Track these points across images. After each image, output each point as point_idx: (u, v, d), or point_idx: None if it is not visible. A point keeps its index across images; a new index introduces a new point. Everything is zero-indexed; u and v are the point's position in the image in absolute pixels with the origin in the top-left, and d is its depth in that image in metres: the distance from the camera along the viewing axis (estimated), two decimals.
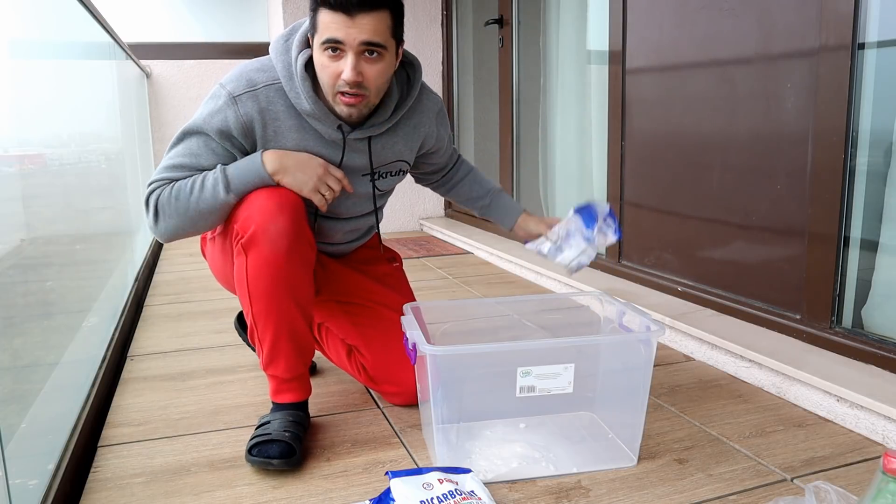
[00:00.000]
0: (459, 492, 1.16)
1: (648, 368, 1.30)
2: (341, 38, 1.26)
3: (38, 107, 1.79)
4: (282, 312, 1.35)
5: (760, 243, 1.93)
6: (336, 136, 1.41)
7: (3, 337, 1.33)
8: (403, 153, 1.53)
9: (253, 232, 1.31)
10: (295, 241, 1.33)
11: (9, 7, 1.57)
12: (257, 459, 1.30)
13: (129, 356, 2.00)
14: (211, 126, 1.36)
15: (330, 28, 1.26)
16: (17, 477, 1.10)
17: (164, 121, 4.41)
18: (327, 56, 1.29)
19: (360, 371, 1.63)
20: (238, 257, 1.34)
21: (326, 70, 1.31)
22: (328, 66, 1.30)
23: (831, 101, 1.66)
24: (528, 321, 1.76)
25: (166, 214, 1.34)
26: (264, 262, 1.32)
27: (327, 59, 1.29)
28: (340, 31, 1.26)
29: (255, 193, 1.34)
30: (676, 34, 2.20)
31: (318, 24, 1.28)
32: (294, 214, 1.33)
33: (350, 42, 1.26)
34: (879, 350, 1.59)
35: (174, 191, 1.34)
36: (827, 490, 1.04)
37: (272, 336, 1.37)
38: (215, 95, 1.38)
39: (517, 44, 3.36)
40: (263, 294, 1.34)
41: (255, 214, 1.31)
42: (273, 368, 1.41)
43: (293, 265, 1.34)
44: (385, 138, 1.48)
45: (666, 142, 2.28)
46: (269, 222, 1.30)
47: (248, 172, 1.34)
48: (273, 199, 1.32)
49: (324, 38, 1.27)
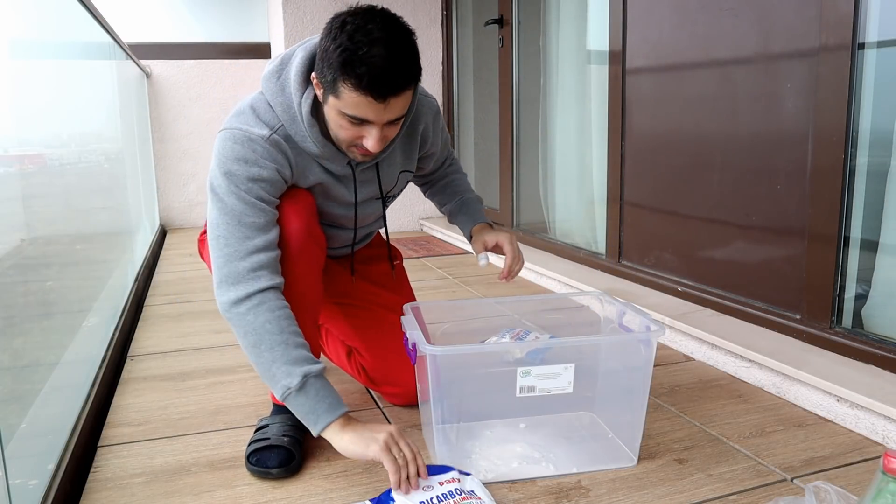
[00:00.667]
0: (460, 491, 1.17)
1: (648, 368, 1.30)
2: (371, 119, 1.19)
3: (38, 107, 1.79)
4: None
5: (760, 243, 1.93)
6: (346, 172, 1.40)
7: (3, 337, 1.33)
8: (404, 163, 1.53)
9: None
10: (305, 242, 1.33)
11: (9, 7, 1.57)
12: (256, 469, 1.29)
13: (129, 356, 2.00)
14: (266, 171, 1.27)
15: (358, 108, 1.17)
16: (17, 477, 1.10)
17: (164, 121, 4.41)
18: (347, 121, 1.21)
19: (360, 372, 1.63)
20: None
21: (345, 131, 1.24)
22: (347, 129, 1.23)
23: (831, 101, 1.66)
24: (528, 321, 1.76)
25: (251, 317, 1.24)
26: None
27: (347, 123, 1.21)
28: (370, 114, 1.18)
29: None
30: (676, 34, 2.20)
31: (342, 95, 1.17)
32: (306, 216, 1.33)
33: (378, 122, 1.20)
34: (879, 350, 1.59)
35: (278, 324, 1.24)
36: (827, 490, 1.04)
37: None
38: (245, 141, 1.26)
39: (517, 44, 3.36)
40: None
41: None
42: None
43: (303, 265, 1.34)
44: (389, 160, 1.48)
45: (666, 142, 2.28)
46: (283, 219, 1.31)
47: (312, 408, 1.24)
48: (288, 202, 1.32)
49: (349, 113, 1.19)
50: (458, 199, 1.70)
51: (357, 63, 1.12)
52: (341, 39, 1.13)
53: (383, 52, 1.12)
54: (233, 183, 1.25)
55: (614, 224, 2.58)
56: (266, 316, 1.23)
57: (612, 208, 2.59)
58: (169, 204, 4.48)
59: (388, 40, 1.13)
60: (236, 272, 1.25)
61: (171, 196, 4.48)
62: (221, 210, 1.26)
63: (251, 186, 1.26)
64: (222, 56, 4.47)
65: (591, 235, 2.86)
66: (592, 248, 2.82)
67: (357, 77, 1.13)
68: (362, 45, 1.12)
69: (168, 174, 4.46)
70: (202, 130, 4.46)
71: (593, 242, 2.84)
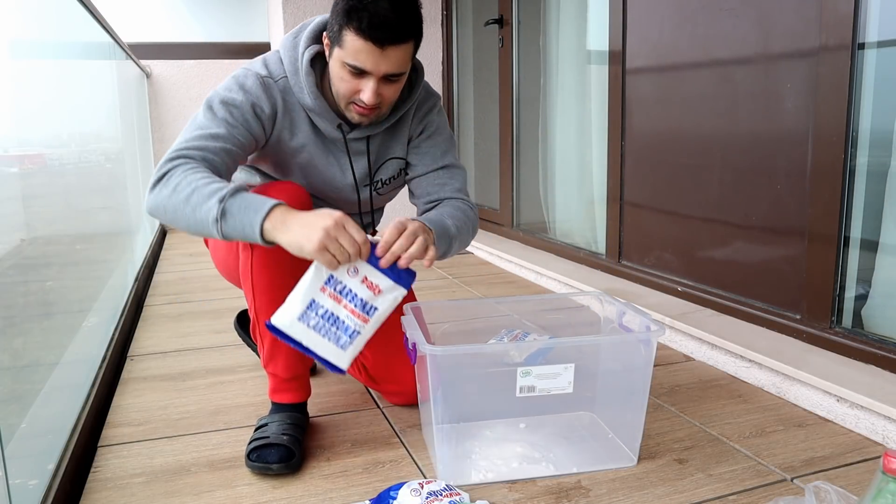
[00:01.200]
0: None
1: (648, 368, 1.30)
2: (369, 69, 1.26)
3: (38, 107, 1.79)
4: None
5: (760, 243, 1.93)
6: (336, 136, 1.42)
7: (3, 337, 1.33)
8: (397, 150, 1.53)
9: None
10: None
11: (9, 7, 1.57)
12: (256, 465, 1.30)
13: (129, 356, 2.00)
14: (244, 97, 1.33)
15: (358, 56, 1.25)
16: (17, 477, 1.10)
17: (164, 121, 4.41)
18: (347, 72, 1.28)
19: (361, 370, 1.63)
20: (244, 251, 1.35)
21: (344, 83, 1.30)
22: (347, 80, 1.30)
23: (831, 101, 1.66)
24: (528, 321, 1.76)
25: (166, 185, 1.20)
26: (268, 256, 1.32)
27: (347, 74, 1.29)
28: (368, 62, 1.25)
29: (263, 188, 1.33)
30: (676, 34, 2.20)
31: (345, 42, 1.25)
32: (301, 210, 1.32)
33: (376, 72, 1.27)
34: (879, 350, 1.59)
35: (192, 170, 1.20)
36: (827, 490, 1.04)
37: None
38: (243, 75, 1.36)
39: (517, 44, 3.36)
40: (267, 288, 1.34)
41: None
42: (273, 366, 1.41)
43: (298, 259, 1.33)
44: (382, 136, 1.48)
45: (666, 142, 2.28)
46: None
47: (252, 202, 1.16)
48: (281, 195, 1.31)
49: (349, 62, 1.26)
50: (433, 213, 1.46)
51: (360, 10, 1.21)
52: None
53: (387, 4, 1.22)
54: (208, 104, 1.33)
55: (614, 224, 2.58)
56: (180, 176, 1.19)
57: (612, 208, 2.59)
58: None
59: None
60: (157, 165, 1.24)
61: None
62: (185, 126, 1.33)
63: (220, 107, 1.32)
64: (222, 56, 4.47)
65: (591, 235, 2.86)
66: (592, 248, 2.83)
67: (358, 21, 1.21)
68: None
69: None
70: None
71: (593, 242, 2.84)
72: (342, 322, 1.17)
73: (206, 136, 1.28)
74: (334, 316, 1.16)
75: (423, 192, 1.54)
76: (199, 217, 1.17)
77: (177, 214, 1.20)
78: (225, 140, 1.30)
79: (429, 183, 1.53)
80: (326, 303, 1.16)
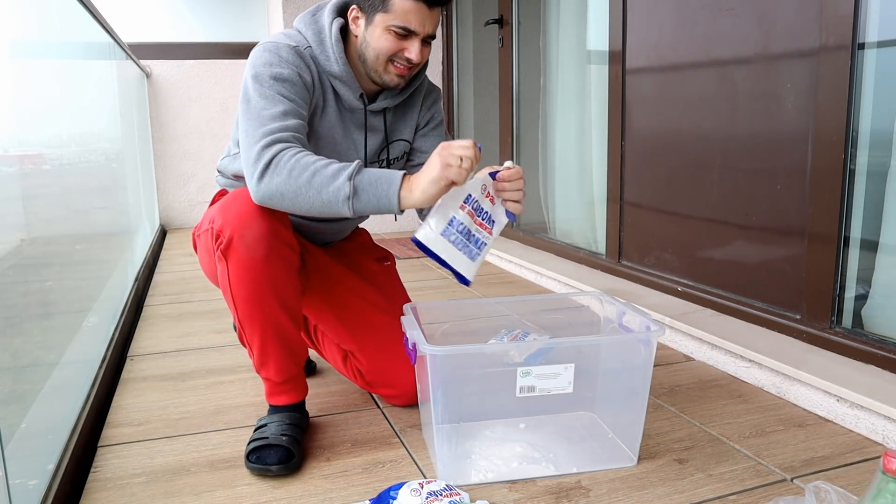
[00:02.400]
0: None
1: (648, 368, 1.30)
2: (416, 29, 1.34)
3: (39, 107, 1.79)
4: (266, 315, 1.34)
5: (760, 243, 1.93)
6: (357, 105, 1.45)
7: (3, 337, 1.33)
8: (404, 133, 1.57)
9: (229, 238, 1.30)
10: (272, 243, 1.31)
11: (9, 7, 1.57)
12: (256, 466, 1.29)
13: (129, 356, 2.00)
14: (289, 72, 1.35)
15: (409, 17, 1.32)
16: (17, 477, 1.10)
17: (163, 121, 4.41)
18: (393, 35, 1.34)
19: (357, 375, 1.63)
20: (220, 263, 1.34)
21: (388, 45, 1.35)
22: (393, 43, 1.35)
23: (831, 101, 1.66)
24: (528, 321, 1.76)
25: (277, 170, 1.23)
26: (243, 267, 1.31)
27: (392, 36, 1.35)
28: (416, 22, 1.33)
29: (230, 196, 1.34)
30: (676, 34, 2.20)
31: (392, 6, 1.32)
32: (269, 216, 1.31)
33: (422, 32, 1.35)
34: (879, 350, 1.59)
35: (300, 154, 1.24)
36: (827, 490, 1.04)
37: (260, 339, 1.37)
38: (274, 48, 1.36)
39: (517, 44, 3.36)
40: (246, 298, 1.33)
41: (232, 220, 1.30)
42: (265, 371, 1.41)
43: (273, 268, 1.32)
44: (394, 114, 1.53)
45: (666, 142, 2.28)
46: (245, 227, 1.29)
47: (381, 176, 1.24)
48: (248, 204, 1.31)
49: (399, 24, 1.33)
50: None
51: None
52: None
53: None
54: (257, 83, 1.33)
55: (614, 224, 2.58)
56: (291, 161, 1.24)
57: (612, 208, 2.59)
58: (169, 204, 4.48)
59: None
60: (253, 154, 1.26)
61: (171, 196, 4.48)
62: (245, 111, 1.33)
63: (272, 83, 1.33)
64: (222, 56, 4.47)
65: (591, 235, 2.86)
66: (592, 248, 2.83)
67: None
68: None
69: (168, 174, 4.46)
70: (202, 130, 4.46)
71: (593, 242, 2.84)
72: (473, 236, 1.32)
73: (278, 116, 1.30)
74: (468, 230, 1.31)
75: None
76: (327, 198, 1.23)
77: (298, 198, 1.25)
78: (294, 115, 1.33)
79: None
80: (464, 219, 1.29)
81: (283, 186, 1.23)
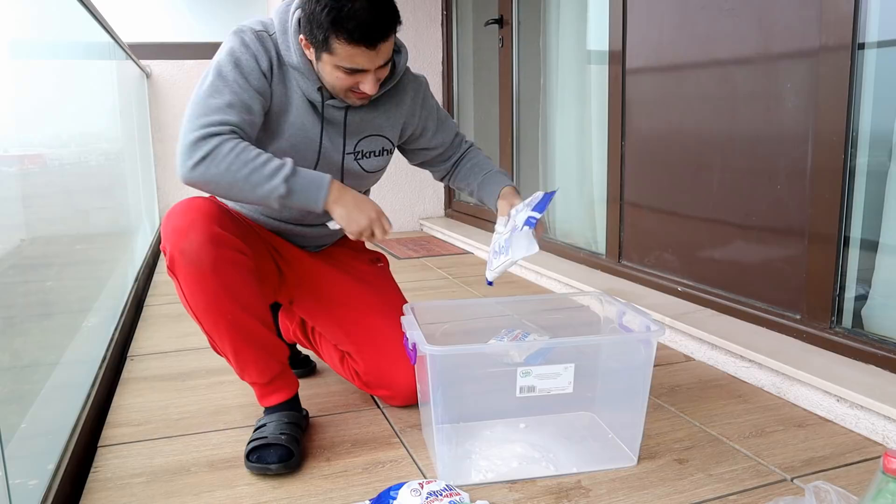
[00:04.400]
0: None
1: (648, 368, 1.30)
2: (366, 67, 1.31)
3: (39, 107, 1.79)
4: (230, 322, 1.33)
5: (760, 243, 1.93)
6: (316, 98, 1.43)
7: (3, 337, 1.33)
8: (384, 128, 1.53)
9: (171, 255, 1.30)
10: (215, 250, 1.30)
11: (9, 7, 1.57)
12: (256, 465, 1.29)
13: (129, 356, 2.00)
14: (247, 58, 1.36)
15: (354, 60, 1.29)
16: (17, 477, 1.10)
17: (164, 121, 4.41)
18: (343, 72, 1.32)
19: (354, 376, 1.63)
20: (175, 279, 1.33)
21: (341, 81, 1.35)
22: (344, 80, 1.34)
23: (831, 101, 1.66)
24: (528, 321, 1.76)
25: (214, 164, 1.28)
26: (192, 279, 1.30)
27: (343, 74, 1.33)
28: (364, 62, 1.30)
29: (167, 214, 1.34)
30: (676, 34, 2.20)
31: (335, 50, 1.29)
32: (206, 225, 1.31)
33: (371, 67, 1.32)
34: (879, 350, 1.59)
35: (238, 148, 1.29)
36: (827, 490, 1.04)
37: (231, 346, 1.36)
38: (239, 33, 1.38)
39: (517, 44, 3.36)
40: (204, 309, 1.33)
41: (170, 235, 1.30)
42: (248, 376, 1.40)
43: (223, 274, 1.31)
44: (363, 111, 1.49)
45: (666, 142, 2.28)
46: (183, 240, 1.29)
47: (311, 181, 1.33)
48: (186, 216, 1.31)
49: (344, 66, 1.31)
50: (483, 174, 1.64)
51: (345, 20, 1.25)
52: (325, 1, 1.25)
53: (366, 5, 1.25)
54: (216, 68, 1.35)
55: (614, 224, 2.58)
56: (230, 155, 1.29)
57: (612, 208, 2.59)
58: (169, 204, 4.47)
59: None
60: (189, 141, 1.29)
61: (171, 196, 4.48)
62: (195, 94, 1.35)
63: (229, 70, 1.35)
64: None
65: (591, 235, 2.86)
66: (592, 248, 2.83)
67: (348, 32, 1.25)
68: (345, 3, 1.24)
69: (168, 174, 4.46)
70: None
71: (593, 242, 2.84)
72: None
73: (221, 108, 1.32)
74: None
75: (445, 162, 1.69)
76: (261, 193, 1.30)
77: (231, 189, 1.31)
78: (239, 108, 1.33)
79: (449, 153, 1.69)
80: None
81: (219, 177, 1.29)
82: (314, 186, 1.33)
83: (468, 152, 1.70)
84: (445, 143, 1.67)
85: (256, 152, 1.31)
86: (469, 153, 1.70)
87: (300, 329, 1.75)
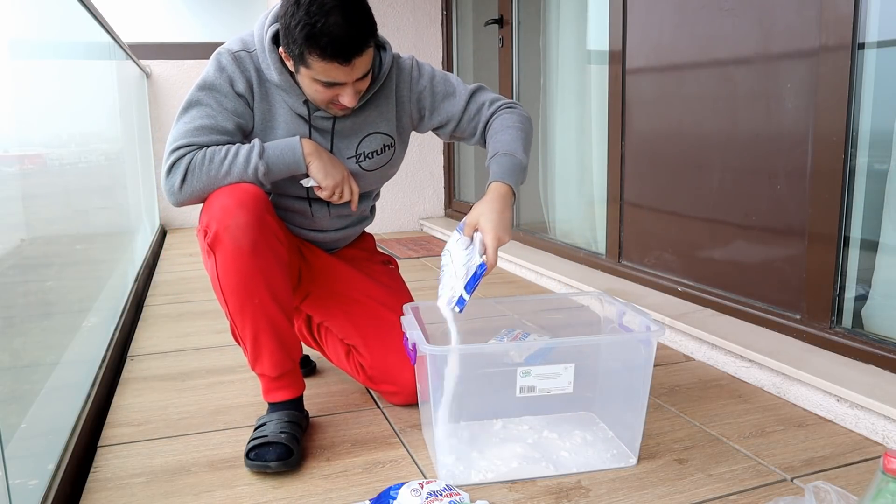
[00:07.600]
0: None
1: (648, 368, 1.30)
2: (343, 81, 1.31)
3: (38, 107, 1.79)
4: (257, 307, 1.35)
5: (760, 243, 1.93)
6: (303, 111, 1.44)
7: (3, 337, 1.33)
8: (379, 124, 1.52)
9: (215, 231, 1.31)
10: (259, 233, 1.32)
11: (9, 7, 1.57)
12: (255, 464, 1.30)
13: (129, 356, 2.00)
14: (220, 82, 1.38)
15: (330, 74, 1.29)
16: (17, 477, 1.10)
17: (164, 121, 4.41)
18: (321, 85, 1.33)
19: (359, 371, 1.63)
20: (208, 259, 1.34)
21: (321, 94, 1.35)
22: (323, 93, 1.35)
23: (831, 101, 1.66)
24: (528, 321, 1.76)
25: (195, 178, 1.34)
26: (231, 258, 1.31)
27: (321, 87, 1.33)
28: (341, 76, 1.30)
29: (213, 194, 1.35)
30: (676, 34, 2.20)
31: (311, 65, 1.29)
32: (255, 208, 1.33)
33: (349, 80, 1.32)
34: (879, 350, 1.59)
35: (207, 154, 1.34)
36: (827, 490, 1.04)
37: (251, 332, 1.37)
38: (217, 56, 1.41)
39: (517, 44, 3.36)
40: (235, 290, 1.33)
41: (217, 213, 1.31)
42: (259, 366, 1.41)
43: (261, 258, 1.33)
44: (352, 117, 1.48)
45: (666, 142, 2.28)
46: (230, 219, 1.30)
47: (283, 148, 1.38)
48: (233, 196, 1.32)
49: (321, 80, 1.31)
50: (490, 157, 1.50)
51: (318, 36, 1.24)
52: (299, 16, 1.24)
53: (340, 20, 1.23)
54: (194, 92, 1.39)
55: (614, 224, 2.58)
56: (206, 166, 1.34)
57: (612, 208, 2.59)
58: (169, 204, 4.47)
59: (342, 6, 1.24)
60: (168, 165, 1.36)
61: None
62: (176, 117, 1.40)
63: (205, 94, 1.39)
64: None
65: (591, 235, 2.86)
66: (592, 248, 2.83)
67: (321, 48, 1.25)
68: (319, 18, 1.23)
69: None
70: None
71: (593, 242, 2.84)
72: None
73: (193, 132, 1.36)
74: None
75: (470, 131, 1.57)
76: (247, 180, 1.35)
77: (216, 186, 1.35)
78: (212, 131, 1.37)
79: (468, 121, 1.56)
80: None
81: (204, 186, 1.34)
82: (288, 149, 1.38)
83: (493, 119, 1.54)
84: (455, 114, 1.55)
85: (224, 148, 1.35)
86: (494, 121, 1.54)
87: (305, 326, 1.75)
